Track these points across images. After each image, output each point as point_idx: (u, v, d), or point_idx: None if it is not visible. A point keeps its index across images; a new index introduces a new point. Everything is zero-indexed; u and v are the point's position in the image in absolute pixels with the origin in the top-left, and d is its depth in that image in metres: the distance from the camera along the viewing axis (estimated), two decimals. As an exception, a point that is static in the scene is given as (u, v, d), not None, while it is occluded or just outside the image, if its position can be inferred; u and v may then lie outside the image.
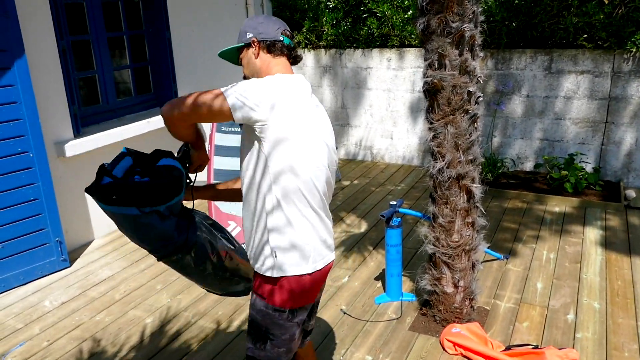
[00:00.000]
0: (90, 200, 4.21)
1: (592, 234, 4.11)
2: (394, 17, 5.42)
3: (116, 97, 4.57)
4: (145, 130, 4.52)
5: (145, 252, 4.02)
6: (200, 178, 5.17)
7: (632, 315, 3.07)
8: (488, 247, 3.77)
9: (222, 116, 1.64)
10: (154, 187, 1.73)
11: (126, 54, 4.70)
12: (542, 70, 5.04)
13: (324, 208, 1.82)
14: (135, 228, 1.76)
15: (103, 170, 1.77)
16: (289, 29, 1.90)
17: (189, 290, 3.48)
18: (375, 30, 5.55)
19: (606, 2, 4.63)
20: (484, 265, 3.67)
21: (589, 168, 5.04)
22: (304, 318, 1.90)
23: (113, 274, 3.73)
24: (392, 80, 5.71)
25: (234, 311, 3.23)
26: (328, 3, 5.76)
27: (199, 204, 4.90)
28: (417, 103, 5.67)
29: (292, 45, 1.87)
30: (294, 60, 1.89)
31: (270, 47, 1.83)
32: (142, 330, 3.07)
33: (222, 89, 1.65)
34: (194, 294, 3.44)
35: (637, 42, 4.54)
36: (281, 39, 1.83)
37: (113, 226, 4.44)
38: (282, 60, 1.84)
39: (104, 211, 1.78)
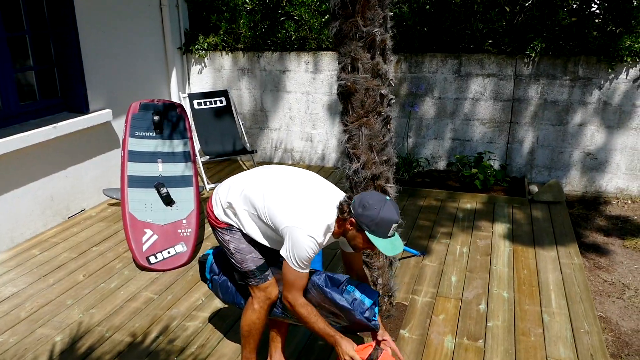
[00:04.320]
0: (-10, 212, 3.92)
1: (501, 227, 4.35)
2: (312, 20, 5.47)
3: (19, 101, 4.28)
4: (52, 136, 4.27)
5: (54, 265, 3.81)
6: (115, 184, 4.97)
7: (537, 302, 3.28)
8: (405, 244, 3.90)
9: None
10: None
11: (29, 55, 4.42)
12: (452, 73, 5.27)
13: None
14: None
15: None
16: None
17: (103, 304, 3.32)
18: (292, 34, 5.58)
19: (507, 9, 4.93)
20: (402, 262, 3.78)
21: (496, 165, 5.34)
22: None
23: (18, 291, 3.48)
24: (311, 83, 5.76)
25: (150, 323, 3.12)
26: (245, 5, 5.71)
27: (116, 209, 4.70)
28: (335, 106, 5.75)
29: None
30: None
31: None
32: (50, 349, 2.89)
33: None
34: (107, 307, 3.28)
35: (535, 48, 4.87)
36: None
37: (17, 239, 4.16)
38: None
39: None
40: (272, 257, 2.42)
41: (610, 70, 4.79)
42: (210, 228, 2.48)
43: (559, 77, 4.96)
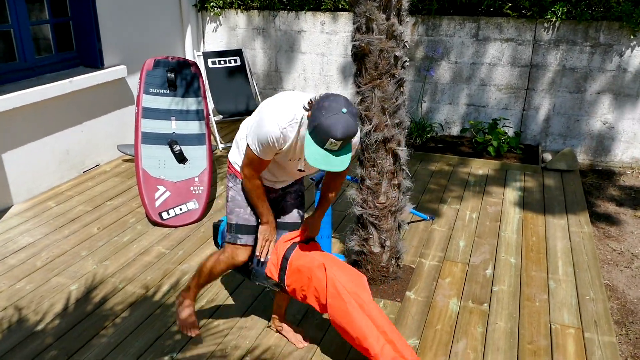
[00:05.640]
0: (8, 162, 3.99)
1: (512, 194, 4.35)
2: (328, -21, 5.36)
3: (35, 54, 4.30)
4: (67, 90, 4.30)
5: (69, 217, 3.90)
6: (130, 140, 5.01)
7: (544, 269, 3.30)
8: (414, 208, 3.92)
9: None
10: None
11: (45, 8, 4.41)
12: (470, 37, 5.17)
13: None
14: None
15: None
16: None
17: (116, 256, 3.40)
18: (308, -8, 5.48)
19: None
20: (411, 225, 3.81)
21: (510, 132, 5.29)
22: None
23: (34, 241, 3.58)
24: (326, 44, 5.69)
25: (162, 277, 3.20)
26: (260, -38, 5.61)
27: (129, 165, 4.76)
28: (350, 68, 5.69)
29: None
30: None
31: None
32: (66, 297, 2.99)
33: None
34: (121, 259, 3.37)
35: (556, 12, 4.74)
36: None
37: (33, 191, 4.24)
38: None
39: None
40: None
41: (632, 37, 4.66)
42: None
43: (579, 43, 4.85)
